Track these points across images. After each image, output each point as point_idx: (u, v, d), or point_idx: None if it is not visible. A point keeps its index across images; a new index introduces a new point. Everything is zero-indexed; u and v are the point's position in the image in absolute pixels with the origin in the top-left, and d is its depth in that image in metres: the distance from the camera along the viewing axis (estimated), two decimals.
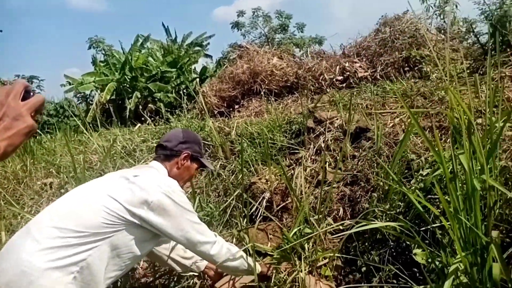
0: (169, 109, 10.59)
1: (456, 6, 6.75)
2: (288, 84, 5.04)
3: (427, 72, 4.09)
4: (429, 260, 1.88)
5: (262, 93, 4.88)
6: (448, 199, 1.80)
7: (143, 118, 5.33)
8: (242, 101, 5.10)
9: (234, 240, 2.87)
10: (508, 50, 3.38)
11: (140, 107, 13.20)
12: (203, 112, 4.88)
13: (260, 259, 2.55)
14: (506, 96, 2.69)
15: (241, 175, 3.00)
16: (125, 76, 13.17)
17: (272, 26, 17.69)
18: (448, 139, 2.64)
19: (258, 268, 2.14)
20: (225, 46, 17.09)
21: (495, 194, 1.71)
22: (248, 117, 4.26)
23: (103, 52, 15.26)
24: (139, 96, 12.84)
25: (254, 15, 17.45)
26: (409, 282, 1.96)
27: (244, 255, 2.10)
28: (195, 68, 15.65)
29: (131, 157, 3.92)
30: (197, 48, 17.09)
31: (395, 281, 2.04)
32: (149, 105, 12.94)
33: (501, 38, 3.40)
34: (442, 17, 6.15)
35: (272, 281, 2.23)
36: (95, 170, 3.68)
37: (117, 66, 13.69)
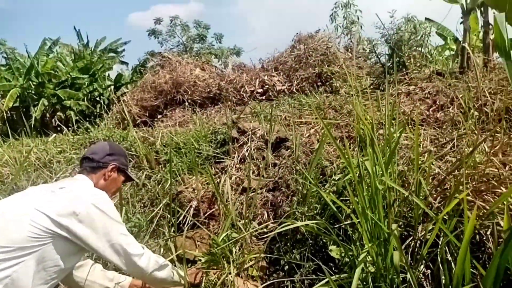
0: (81, 118, 10.06)
1: (361, 27, 7.52)
2: (211, 95, 5.19)
3: (337, 87, 4.54)
4: (343, 254, 2.15)
5: (186, 103, 4.96)
6: (357, 199, 2.09)
7: (59, 128, 5.06)
8: (165, 111, 5.12)
9: (162, 250, 2.91)
10: (404, 69, 3.92)
11: (48, 115, 12.30)
12: (125, 121, 4.80)
13: (189, 266, 2.64)
14: (402, 110, 3.14)
15: (168, 184, 3.06)
16: (31, 82, 12.16)
17: (190, 35, 17.74)
18: (356, 148, 3.01)
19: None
20: (141, 53, 16.73)
21: (394, 194, 2.04)
22: (173, 127, 4.31)
23: (5, 56, 13.94)
24: (46, 103, 11.93)
25: (172, 23, 17.37)
26: (326, 275, 2.21)
27: (171, 266, 2.14)
28: (109, 75, 15.02)
29: (47, 168, 3.73)
30: (111, 54, 16.42)
31: (314, 276, 2.27)
32: (58, 113, 12.13)
33: (398, 59, 3.94)
34: (349, 36, 6.82)
35: (202, 285, 2.34)
36: (6, 184, 3.44)
37: (21, 70, 12.58)
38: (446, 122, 2.91)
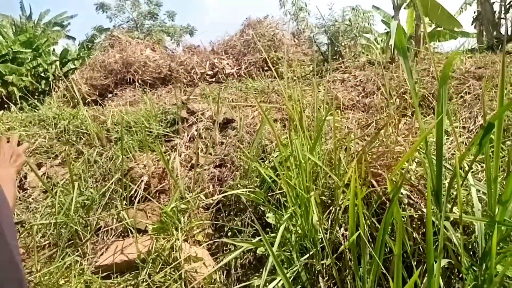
0: (25, 94, 9.69)
1: (309, 14, 7.86)
2: (162, 76, 5.32)
3: (282, 72, 4.86)
4: (277, 220, 2.50)
5: (136, 83, 5.07)
6: (290, 173, 2.43)
7: (2, 104, 4.97)
8: (115, 90, 5.19)
9: (115, 220, 3.13)
10: (340, 58, 4.31)
11: None
12: (74, 99, 4.84)
13: (140, 235, 2.89)
14: (335, 95, 3.52)
15: (119, 161, 3.25)
16: None
17: (141, 11, 17.30)
18: (291, 128, 3.36)
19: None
20: (89, 28, 16.12)
21: (319, 168, 2.40)
22: (123, 107, 4.43)
23: None
24: None
25: None
26: (261, 233, 2.56)
27: None
28: (54, 50, 14.40)
29: None
30: (56, 28, 15.68)
31: (253, 239, 2.61)
32: None
33: (335, 48, 4.32)
34: (296, 23, 7.14)
35: (153, 249, 2.61)
36: None
37: None
38: (371, 107, 3.33)
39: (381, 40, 9.15)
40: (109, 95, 5.18)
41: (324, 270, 2.05)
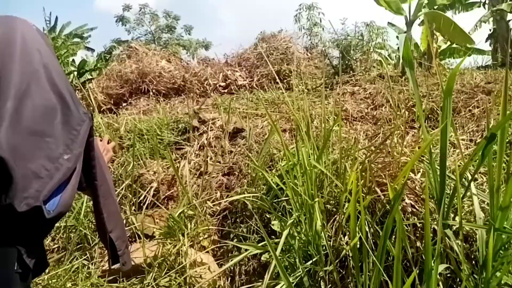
0: None
1: (323, 29, 7.96)
2: (176, 86, 5.44)
3: (293, 85, 4.93)
4: (283, 227, 2.52)
5: (150, 93, 5.19)
6: (297, 181, 2.46)
7: None
8: (129, 99, 5.32)
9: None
10: (351, 72, 4.36)
11: None
12: (90, 107, 4.97)
13: (148, 240, 2.94)
14: (344, 107, 3.55)
15: (130, 167, 3.32)
16: None
17: (159, 25, 17.71)
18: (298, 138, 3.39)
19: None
20: (108, 40, 16.54)
21: (325, 177, 2.42)
22: (137, 115, 4.54)
23: None
24: None
25: (141, 11, 17.26)
26: (265, 238, 2.57)
27: None
28: (73, 60, 14.79)
29: None
30: (76, 39, 16.14)
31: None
32: None
33: (346, 62, 4.37)
34: (310, 37, 7.24)
35: (159, 253, 2.65)
36: None
37: None
38: (380, 119, 3.35)
39: (395, 56, 9.19)
40: (124, 104, 5.31)
41: (327, 277, 2.06)
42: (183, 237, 2.76)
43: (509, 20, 8.38)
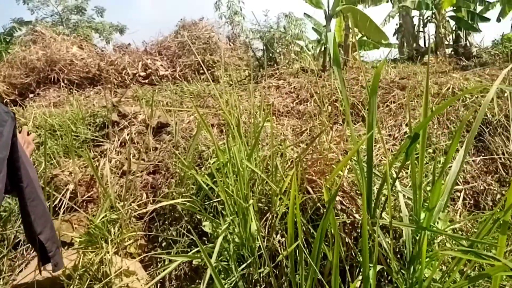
0: None
1: (244, 18, 7.92)
2: (90, 76, 5.01)
3: (218, 76, 4.83)
4: (214, 228, 2.45)
5: (61, 83, 4.72)
6: (228, 180, 2.41)
7: None
8: (37, 89, 4.78)
9: None
10: (275, 65, 4.38)
11: None
12: None
13: (65, 248, 2.68)
14: (271, 102, 3.56)
15: (42, 168, 2.99)
16: None
17: (67, 5, 16.22)
18: (228, 134, 3.34)
19: None
20: (7, 19, 14.74)
21: (257, 175, 2.40)
22: (47, 108, 4.10)
23: None
24: None
25: None
26: (198, 245, 2.49)
27: None
28: None
29: None
30: None
31: (189, 250, 2.54)
32: None
33: (270, 55, 4.38)
34: (231, 27, 7.15)
35: (80, 263, 2.43)
36: None
37: None
38: (305, 114, 3.42)
39: (312, 47, 9.49)
40: (31, 95, 4.76)
41: (262, 279, 2.05)
42: (106, 244, 2.56)
43: (414, 16, 9.09)
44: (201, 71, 5.06)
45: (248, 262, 2.05)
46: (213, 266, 1.63)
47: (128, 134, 3.56)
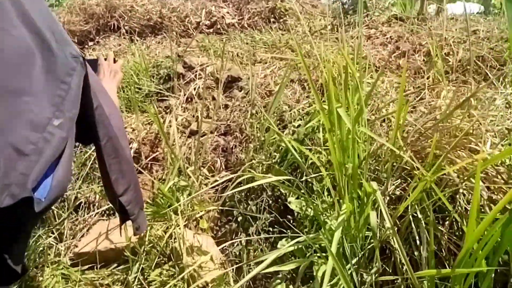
0: None
1: None
2: (151, 24, 4.59)
3: (291, 26, 4.22)
4: (304, 207, 2.00)
5: (122, 30, 4.35)
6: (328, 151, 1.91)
7: None
8: (97, 37, 4.46)
9: (97, 196, 2.59)
10: (365, 11, 3.70)
11: None
12: None
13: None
14: (364, 54, 2.94)
15: None
16: None
17: None
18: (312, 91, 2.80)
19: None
20: None
21: (365, 146, 1.88)
22: None
23: None
24: None
25: None
26: (284, 229, 2.07)
27: None
28: None
29: None
30: None
31: (271, 229, 2.12)
32: None
33: None
34: None
35: (147, 239, 2.10)
36: None
37: None
38: (408, 69, 2.78)
39: None
40: (90, 43, 4.45)
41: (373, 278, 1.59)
42: (176, 215, 2.21)
43: None
44: (272, 19, 4.47)
45: (358, 257, 1.59)
46: (341, 268, 1.18)
47: (195, 88, 3.13)
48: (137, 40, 4.26)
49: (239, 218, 2.26)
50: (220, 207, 2.30)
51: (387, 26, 3.50)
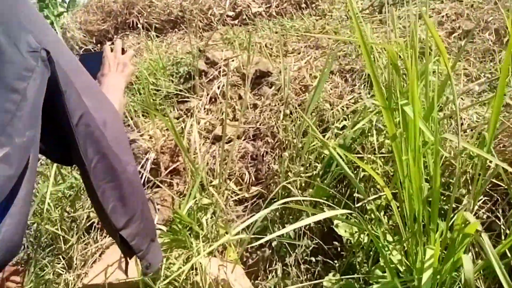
0: None
1: None
2: (172, 18, 4.24)
3: (324, 10, 3.75)
4: (355, 234, 1.57)
5: (140, 27, 4.03)
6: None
7: None
8: (115, 36, 4.17)
9: None
10: None
11: None
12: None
13: None
14: (419, 36, 2.45)
15: None
16: None
17: None
18: (357, 84, 2.35)
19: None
20: None
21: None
22: None
23: None
24: None
25: None
26: (329, 259, 1.65)
27: None
28: (62, 0, 13.12)
29: None
30: None
31: (313, 259, 1.71)
32: None
33: None
34: None
35: (162, 273, 1.73)
36: None
37: None
38: (476, 52, 2.27)
39: None
40: (108, 43, 4.16)
41: None
42: (196, 240, 1.83)
43: None
44: (303, 6, 4.00)
45: None
46: None
47: (219, 87, 2.75)
48: (157, 37, 3.93)
49: (274, 243, 1.85)
50: (248, 232, 1.90)
51: (439, 2, 2.98)
